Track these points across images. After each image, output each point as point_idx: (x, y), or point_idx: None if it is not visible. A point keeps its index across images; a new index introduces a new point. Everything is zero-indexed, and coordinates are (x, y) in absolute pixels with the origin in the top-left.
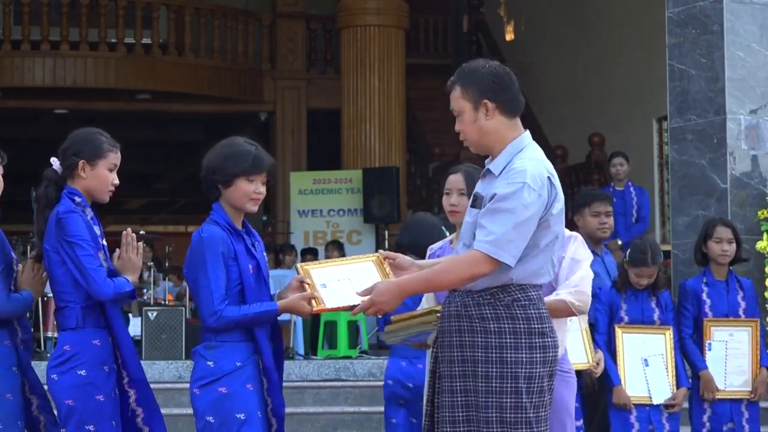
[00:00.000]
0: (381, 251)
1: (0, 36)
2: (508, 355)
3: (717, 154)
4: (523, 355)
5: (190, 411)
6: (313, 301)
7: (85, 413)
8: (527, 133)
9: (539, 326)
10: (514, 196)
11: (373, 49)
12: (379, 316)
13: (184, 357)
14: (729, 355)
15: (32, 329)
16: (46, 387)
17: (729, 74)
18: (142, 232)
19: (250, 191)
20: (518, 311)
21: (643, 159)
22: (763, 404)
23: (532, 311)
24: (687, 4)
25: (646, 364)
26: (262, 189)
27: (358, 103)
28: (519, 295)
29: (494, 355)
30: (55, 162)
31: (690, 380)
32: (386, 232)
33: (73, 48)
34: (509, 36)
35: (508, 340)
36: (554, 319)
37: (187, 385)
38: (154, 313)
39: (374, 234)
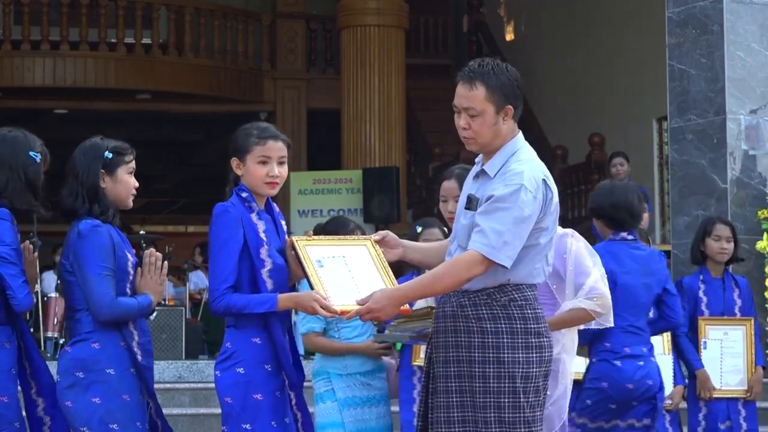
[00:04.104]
0: (373, 235)
1: (0, 36)
2: (506, 355)
3: (717, 154)
4: (520, 355)
5: (190, 411)
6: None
7: (242, 412)
8: (520, 134)
9: (535, 326)
10: (511, 198)
11: (373, 49)
12: (374, 324)
13: (184, 357)
14: (724, 354)
15: (150, 333)
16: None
17: (729, 74)
18: (141, 232)
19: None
20: (515, 311)
21: (643, 159)
22: (761, 404)
23: (529, 311)
24: (687, 4)
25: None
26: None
27: (358, 103)
28: (516, 295)
29: (491, 355)
30: None
31: (686, 379)
32: None
33: (73, 48)
34: (509, 36)
35: (505, 340)
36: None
37: (187, 385)
38: (154, 313)
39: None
